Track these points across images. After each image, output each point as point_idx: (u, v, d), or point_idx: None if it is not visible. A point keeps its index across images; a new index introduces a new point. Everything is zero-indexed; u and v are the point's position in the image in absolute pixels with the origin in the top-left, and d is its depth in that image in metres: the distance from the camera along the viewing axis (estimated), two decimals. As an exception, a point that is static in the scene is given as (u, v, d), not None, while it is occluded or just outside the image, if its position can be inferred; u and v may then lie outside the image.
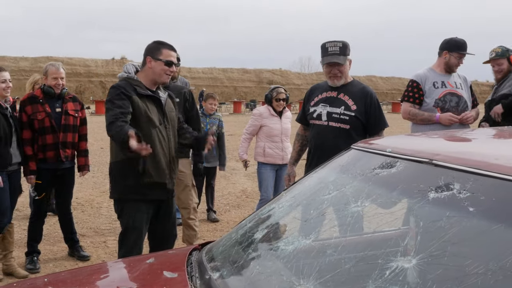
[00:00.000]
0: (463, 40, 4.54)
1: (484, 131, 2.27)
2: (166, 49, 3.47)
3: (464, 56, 4.48)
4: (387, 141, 2.11)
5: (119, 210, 3.53)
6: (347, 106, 3.71)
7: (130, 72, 3.53)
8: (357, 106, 3.70)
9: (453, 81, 4.48)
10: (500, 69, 4.80)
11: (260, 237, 1.95)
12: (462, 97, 4.43)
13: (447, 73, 4.50)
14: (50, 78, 4.70)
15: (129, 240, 3.49)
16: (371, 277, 1.33)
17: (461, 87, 4.48)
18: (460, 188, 1.43)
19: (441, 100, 4.39)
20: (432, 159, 1.61)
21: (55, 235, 5.69)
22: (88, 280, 2.03)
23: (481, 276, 1.15)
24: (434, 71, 4.53)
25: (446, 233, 1.33)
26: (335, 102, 3.77)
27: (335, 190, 1.92)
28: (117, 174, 3.46)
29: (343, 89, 3.79)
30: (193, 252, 2.18)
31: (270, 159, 5.60)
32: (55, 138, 4.67)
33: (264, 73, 56.54)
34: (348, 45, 3.78)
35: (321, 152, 3.74)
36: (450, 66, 4.49)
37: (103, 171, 10.46)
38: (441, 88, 4.42)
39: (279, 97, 5.66)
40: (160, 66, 3.43)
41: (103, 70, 47.92)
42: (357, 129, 3.70)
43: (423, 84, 4.45)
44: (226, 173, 8.84)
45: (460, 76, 4.59)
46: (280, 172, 5.68)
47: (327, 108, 3.78)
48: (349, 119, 3.69)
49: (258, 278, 1.69)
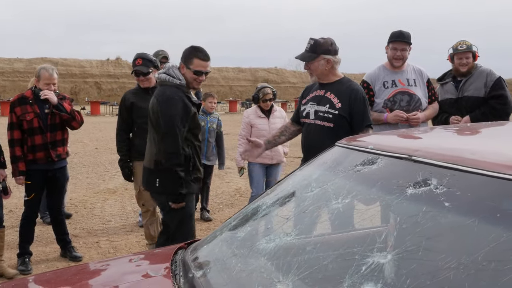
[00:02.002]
0: (401, 31, 4.46)
1: (463, 127, 2.28)
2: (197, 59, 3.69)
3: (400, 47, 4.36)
4: (370, 138, 2.12)
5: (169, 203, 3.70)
6: (331, 104, 3.68)
7: (181, 78, 3.70)
8: (342, 104, 3.65)
9: (405, 78, 4.42)
10: (467, 62, 4.72)
11: (243, 235, 1.96)
12: (415, 95, 4.38)
13: (396, 68, 4.45)
14: (43, 83, 4.70)
15: (187, 228, 3.75)
16: (348, 273, 1.34)
17: (415, 84, 4.43)
18: (437, 184, 1.44)
19: (390, 100, 4.37)
20: (411, 155, 1.62)
21: (47, 236, 5.68)
22: (73, 279, 2.03)
23: (453, 270, 1.16)
24: (386, 68, 4.50)
25: (422, 228, 1.34)
26: (322, 101, 3.75)
27: (318, 188, 1.93)
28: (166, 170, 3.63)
29: (330, 87, 3.76)
30: (179, 251, 2.19)
31: (259, 159, 5.62)
32: (44, 138, 4.67)
33: (259, 72, 56.48)
34: (324, 44, 3.71)
35: (309, 150, 3.75)
36: (390, 60, 4.47)
37: (97, 171, 10.46)
38: (391, 88, 4.38)
39: (266, 97, 5.76)
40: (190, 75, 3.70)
41: (98, 71, 47.79)
42: (342, 127, 3.63)
43: (373, 84, 4.45)
44: (221, 172, 8.85)
45: (415, 70, 4.53)
46: (270, 170, 5.87)
47: (314, 106, 3.77)
48: (332, 117, 3.66)
49: (239, 275, 1.69)
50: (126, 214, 6.96)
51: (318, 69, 3.74)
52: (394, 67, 4.46)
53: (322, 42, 3.71)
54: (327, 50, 3.71)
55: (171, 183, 3.64)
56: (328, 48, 3.71)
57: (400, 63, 4.44)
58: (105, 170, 10.62)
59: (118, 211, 7.15)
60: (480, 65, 4.82)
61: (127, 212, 7.08)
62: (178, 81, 3.68)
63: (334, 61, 3.73)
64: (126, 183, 8.15)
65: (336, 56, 3.75)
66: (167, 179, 3.65)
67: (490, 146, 1.70)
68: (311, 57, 3.72)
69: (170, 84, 3.67)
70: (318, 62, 3.71)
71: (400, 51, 4.40)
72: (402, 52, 4.40)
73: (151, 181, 3.75)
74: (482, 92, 4.66)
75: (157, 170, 3.69)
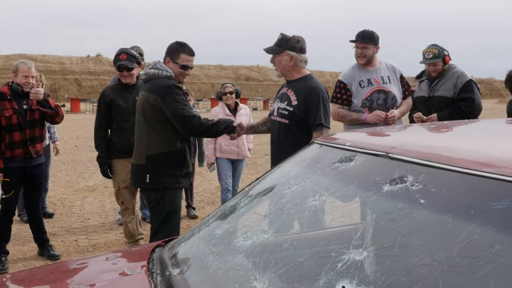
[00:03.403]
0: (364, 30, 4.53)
1: (439, 125, 2.30)
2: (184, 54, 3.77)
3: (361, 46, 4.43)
4: (348, 135, 2.13)
5: (158, 197, 3.71)
6: (289, 101, 3.71)
7: (170, 71, 3.73)
8: (298, 101, 3.66)
9: (379, 75, 4.47)
10: (435, 69, 4.88)
11: (220, 233, 1.96)
12: (390, 93, 4.43)
13: (369, 67, 4.49)
14: (21, 76, 4.63)
15: (171, 224, 3.75)
16: (324, 270, 1.34)
17: (389, 81, 4.47)
18: (413, 181, 1.44)
19: (367, 99, 4.40)
20: (388, 152, 1.63)
21: (25, 234, 5.60)
22: (48, 278, 2.00)
23: (427, 266, 1.16)
24: (359, 67, 4.54)
25: (397, 225, 1.35)
26: (283, 98, 3.80)
27: (295, 185, 1.93)
28: (159, 165, 3.67)
29: (292, 85, 3.80)
30: (156, 249, 2.17)
31: (226, 154, 6.07)
32: (22, 135, 4.61)
33: (241, 69, 56.42)
34: (290, 40, 3.73)
35: (272, 145, 3.87)
36: (356, 59, 4.53)
37: (77, 169, 10.35)
38: (367, 87, 4.42)
39: (225, 90, 6.13)
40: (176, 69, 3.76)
41: (78, 68, 47.31)
42: (297, 124, 3.65)
43: (350, 84, 4.47)
44: (202, 170, 8.82)
45: (388, 67, 4.57)
46: (236, 165, 6.19)
47: (278, 103, 3.84)
48: (287, 113, 3.68)
49: (216, 273, 1.68)
50: (106, 212, 6.90)
51: (281, 63, 3.78)
52: (360, 64, 4.51)
53: (288, 38, 3.76)
54: (292, 46, 3.75)
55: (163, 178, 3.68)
56: (294, 45, 3.75)
57: (364, 61, 4.46)
58: (84, 168, 10.52)
59: (98, 209, 7.08)
60: (454, 65, 4.96)
61: (106, 210, 7.01)
62: (167, 73, 3.70)
63: (298, 59, 3.75)
64: (105, 181, 8.09)
65: (301, 54, 3.77)
66: (158, 174, 3.67)
67: (465, 144, 1.72)
68: (275, 51, 3.78)
69: (161, 77, 3.68)
70: (281, 57, 3.76)
71: (361, 49, 4.44)
72: (363, 50, 4.44)
73: (141, 177, 3.75)
74: (451, 92, 4.81)
75: (149, 165, 3.69)
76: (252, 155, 5.92)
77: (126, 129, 4.66)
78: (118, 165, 4.77)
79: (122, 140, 4.69)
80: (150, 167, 3.69)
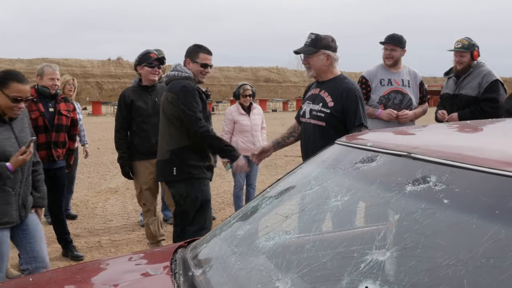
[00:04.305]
0: (393, 34, 4.79)
1: (462, 124, 2.28)
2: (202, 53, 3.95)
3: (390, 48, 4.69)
4: (369, 136, 2.12)
5: (188, 189, 3.85)
6: (324, 103, 3.64)
7: (188, 72, 3.90)
8: (334, 103, 3.60)
9: (400, 78, 4.71)
10: (461, 61, 4.83)
11: (242, 234, 1.96)
12: (407, 95, 4.67)
13: (393, 68, 4.73)
14: (47, 78, 4.78)
15: (204, 212, 3.89)
16: (347, 271, 1.34)
17: (408, 85, 4.72)
18: (436, 181, 1.43)
19: (385, 97, 4.65)
20: (410, 152, 1.62)
21: (49, 235, 5.68)
22: (74, 279, 2.03)
23: (452, 267, 1.15)
24: (383, 67, 4.77)
25: (421, 226, 1.34)
26: (316, 99, 3.72)
27: (317, 185, 1.93)
28: (183, 158, 3.82)
29: (325, 86, 3.73)
30: (179, 250, 2.19)
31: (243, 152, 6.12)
32: (47, 137, 4.70)
33: (260, 71, 56.39)
34: (325, 39, 3.69)
35: (305, 149, 3.81)
36: (383, 59, 4.77)
37: (99, 171, 10.47)
38: (386, 86, 4.66)
39: (246, 93, 6.26)
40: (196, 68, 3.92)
41: (100, 71, 47.82)
42: (335, 126, 3.58)
43: (371, 80, 4.71)
44: (222, 171, 8.85)
45: (410, 72, 4.81)
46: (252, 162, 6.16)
47: (310, 105, 3.76)
48: (324, 116, 3.62)
49: (238, 273, 1.69)
50: (128, 213, 6.97)
51: (317, 64, 3.71)
52: (386, 65, 4.74)
53: (323, 37, 3.71)
54: (327, 45, 3.70)
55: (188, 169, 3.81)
56: (329, 44, 3.71)
57: (391, 62, 4.72)
58: (106, 170, 10.63)
59: (120, 210, 7.15)
60: (482, 64, 4.84)
61: (128, 211, 7.08)
62: (186, 74, 3.87)
63: (334, 58, 3.71)
64: (127, 183, 8.17)
65: (335, 53, 3.73)
66: (184, 166, 3.81)
67: (489, 143, 1.70)
68: (311, 51, 3.70)
69: (181, 78, 3.85)
70: (318, 57, 3.69)
71: (389, 50, 4.71)
72: (391, 52, 4.70)
73: (168, 171, 3.88)
74: (475, 91, 4.76)
75: (173, 159, 3.83)
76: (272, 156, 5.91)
77: (146, 130, 4.71)
78: (139, 167, 4.82)
79: (142, 141, 4.74)
80: (174, 161, 3.84)
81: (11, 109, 3.05)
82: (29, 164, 3.28)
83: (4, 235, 3.16)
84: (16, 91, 3.03)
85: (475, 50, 4.79)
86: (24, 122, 3.29)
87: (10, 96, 3.01)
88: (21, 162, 3.07)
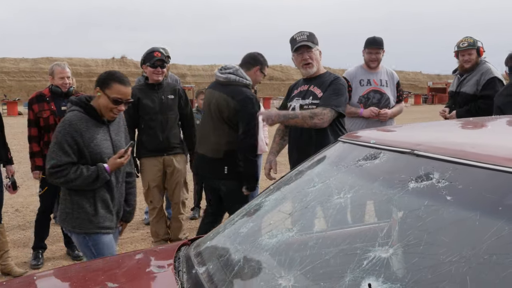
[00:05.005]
0: (374, 37, 4.94)
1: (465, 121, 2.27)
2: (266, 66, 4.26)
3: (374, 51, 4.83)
4: (372, 133, 2.11)
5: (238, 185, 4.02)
6: (314, 95, 3.73)
7: (249, 79, 4.07)
8: (324, 92, 3.70)
9: (379, 78, 4.87)
10: (470, 59, 4.90)
11: (245, 231, 1.96)
12: (385, 94, 4.83)
13: (372, 69, 4.87)
14: (57, 77, 4.82)
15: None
16: (350, 268, 1.34)
17: (386, 84, 4.88)
18: (439, 178, 1.43)
19: (364, 97, 4.81)
20: (413, 149, 1.61)
21: (55, 234, 5.70)
22: (77, 276, 2.04)
23: (455, 264, 1.15)
24: (363, 68, 4.92)
25: (424, 222, 1.34)
26: (306, 95, 3.80)
27: (320, 183, 1.93)
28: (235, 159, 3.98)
29: (314, 82, 3.81)
30: (182, 248, 2.19)
31: None
32: None
33: (264, 69, 56.28)
34: (315, 36, 3.81)
35: (298, 144, 3.87)
36: (366, 62, 4.90)
37: (103, 170, 10.48)
38: (365, 86, 4.83)
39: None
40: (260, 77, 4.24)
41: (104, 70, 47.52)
42: None
43: (351, 81, 4.84)
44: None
45: (388, 72, 4.97)
46: None
47: (299, 101, 3.83)
48: (316, 107, 3.67)
49: (241, 271, 1.69)
50: (132, 212, 6.97)
51: (317, 58, 3.82)
52: (370, 68, 4.88)
53: (314, 34, 3.82)
54: (317, 41, 3.83)
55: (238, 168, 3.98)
56: (317, 40, 3.83)
57: (376, 64, 4.88)
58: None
59: (124, 209, 7.15)
60: (484, 61, 4.89)
61: (132, 210, 7.08)
62: (247, 81, 4.02)
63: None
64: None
65: None
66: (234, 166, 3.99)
67: (492, 140, 1.69)
68: (313, 45, 3.78)
69: (241, 84, 3.99)
70: (316, 52, 3.80)
71: (374, 54, 4.85)
72: (376, 55, 4.85)
73: (219, 169, 4.04)
74: (474, 89, 4.85)
75: (227, 159, 4.00)
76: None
77: (153, 127, 4.72)
78: (147, 164, 4.83)
79: (150, 139, 4.75)
80: (228, 160, 4.01)
81: (110, 110, 3.00)
82: (123, 171, 3.22)
83: (109, 238, 3.07)
84: (118, 92, 2.97)
85: (480, 47, 4.87)
86: (120, 125, 3.24)
87: (111, 97, 2.96)
88: (118, 165, 3.02)
